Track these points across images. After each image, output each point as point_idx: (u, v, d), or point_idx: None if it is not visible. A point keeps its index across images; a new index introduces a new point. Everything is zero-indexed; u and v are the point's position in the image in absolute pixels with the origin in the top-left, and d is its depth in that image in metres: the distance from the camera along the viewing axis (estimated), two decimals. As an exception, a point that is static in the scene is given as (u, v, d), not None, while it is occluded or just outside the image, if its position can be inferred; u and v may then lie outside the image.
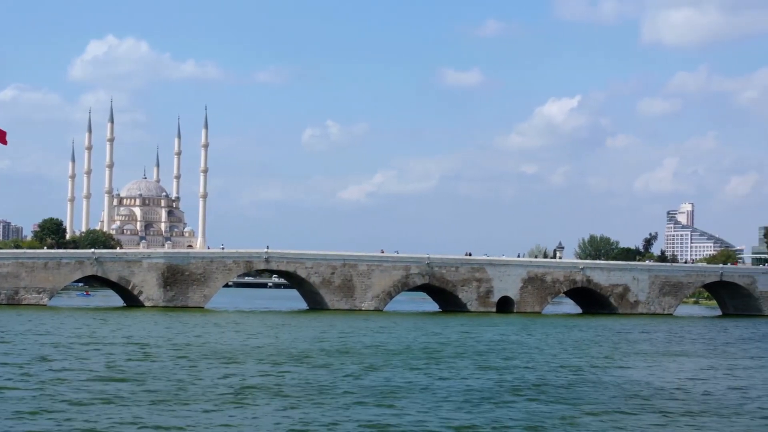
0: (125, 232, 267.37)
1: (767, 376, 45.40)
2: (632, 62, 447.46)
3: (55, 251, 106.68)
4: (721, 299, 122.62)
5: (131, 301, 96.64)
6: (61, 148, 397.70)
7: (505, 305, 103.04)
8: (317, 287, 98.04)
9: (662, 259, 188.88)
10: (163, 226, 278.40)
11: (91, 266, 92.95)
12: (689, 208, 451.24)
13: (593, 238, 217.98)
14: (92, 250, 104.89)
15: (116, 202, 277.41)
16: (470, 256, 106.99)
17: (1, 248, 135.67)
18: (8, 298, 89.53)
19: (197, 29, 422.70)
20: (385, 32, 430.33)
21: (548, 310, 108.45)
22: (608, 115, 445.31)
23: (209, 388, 35.24)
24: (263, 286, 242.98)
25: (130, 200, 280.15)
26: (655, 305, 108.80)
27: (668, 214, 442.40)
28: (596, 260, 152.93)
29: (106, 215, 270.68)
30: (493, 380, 39.83)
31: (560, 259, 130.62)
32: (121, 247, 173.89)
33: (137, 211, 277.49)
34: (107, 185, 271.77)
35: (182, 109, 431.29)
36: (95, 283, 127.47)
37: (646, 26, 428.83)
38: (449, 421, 29.71)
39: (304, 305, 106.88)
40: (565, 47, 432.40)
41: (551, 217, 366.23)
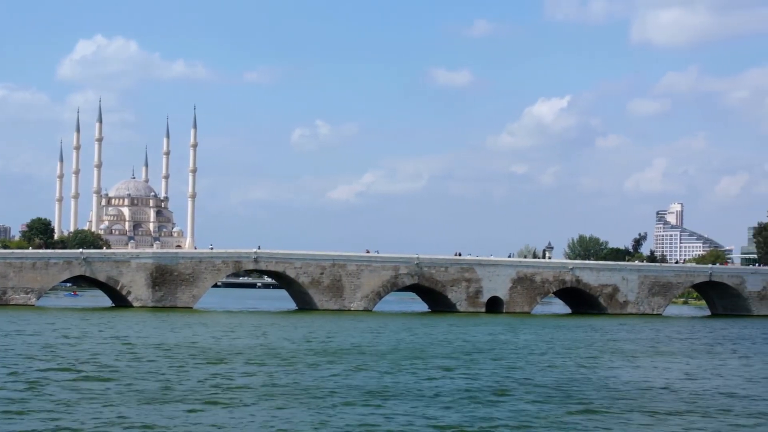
0: (114, 232, 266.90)
1: (754, 375, 45.50)
2: (622, 62, 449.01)
3: (43, 251, 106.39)
4: (710, 299, 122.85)
5: (119, 301, 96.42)
6: (49, 147, 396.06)
7: (494, 305, 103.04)
8: (306, 287, 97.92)
9: (651, 259, 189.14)
10: (151, 226, 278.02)
11: (79, 266, 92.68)
12: (678, 208, 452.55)
13: (583, 238, 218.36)
14: (80, 250, 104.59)
15: (105, 202, 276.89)
16: (460, 256, 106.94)
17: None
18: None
19: (187, 29, 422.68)
20: (375, 32, 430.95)
21: (537, 310, 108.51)
22: (598, 115, 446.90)
23: (197, 388, 35.17)
24: (252, 286, 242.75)
25: (118, 200, 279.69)
26: (644, 305, 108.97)
27: (657, 214, 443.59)
28: (586, 260, 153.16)
29: (94, 215, 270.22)
30: (481, 380, 39.82)
31: (550, 259, 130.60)
32: (109, 247, 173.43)
33: (126, 211, 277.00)
34: (96, 185, 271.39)
35: (171, 108, 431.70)
36: (83, 283, 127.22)
37: (635, 26, 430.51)
38: (437, 420, 29.69)
39: (293, 305, 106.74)
40: (555, 47, 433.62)
41: (541, 217, 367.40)
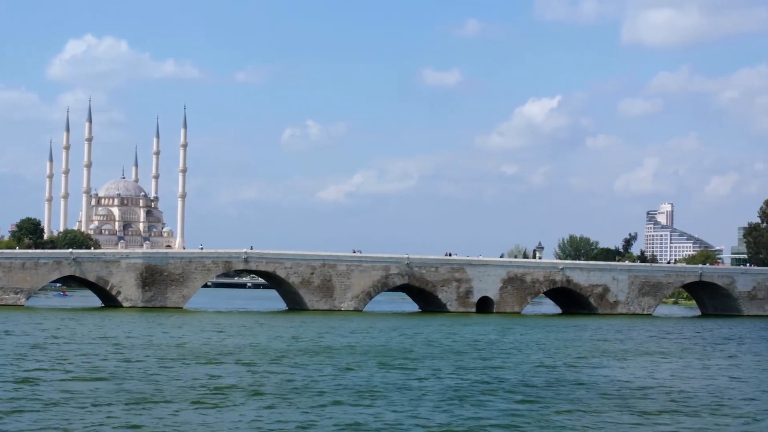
0: (103, 232, 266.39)
1: (743, 375, 45.56)
2: (613, 62, 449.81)
3: (32, 251, 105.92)
4: (700, 299, 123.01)
5: (109, 301, 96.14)
6: (38, 147, 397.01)
7: (484, 305, 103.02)
8: (296, 287, 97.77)
9: (642, 259, 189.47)
10: (141, 226, 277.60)
11: (69, 266, 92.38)
12: (669, 208, 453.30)
13: (573, 238, 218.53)
14: (70, 250, 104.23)
15: (94, 202, 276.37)
16: (450, 256, 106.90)
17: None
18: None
19: (177, 29, 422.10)
20: (365, 32, 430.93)
21: (528, 310, 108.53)
22: (589, 115, 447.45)
23: (186, 388, 35.08)
24: (242, 286, 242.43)
25: (108, 200, 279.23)
26: (634, 305, 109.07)
27: (648, 214, 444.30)
28: (576, 260, 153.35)
29: (84, 215, 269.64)
30: (470, 380, 39.80)
31: (540, 259, 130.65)
32: (99, 247, 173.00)
33: (115, 211, 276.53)
34: (85, 185, 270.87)
35: (161, 108, 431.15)
36: (73, 283, 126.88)
37: (626, 27, 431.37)
38: (427, 420, 29.66)
39: (283, 305, 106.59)
40: (545, 47, 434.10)
41: (531, 217, 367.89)
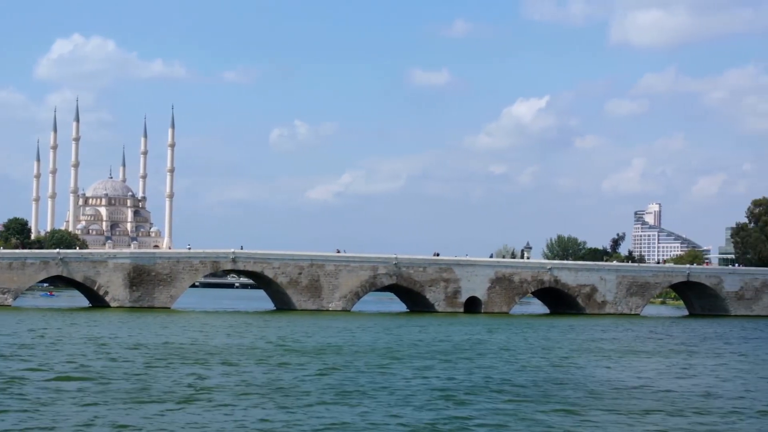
0: (91, 232, 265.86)
1: (729, 375, 45.71)
2: (600, 63, 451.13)
3: (19, 251, 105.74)
4: (688, 299, 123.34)
5: (97, 301, 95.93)
6: (26, 147, 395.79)
7: (472, 305, 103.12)
8: (284, 287, 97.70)
9: (630, 259, 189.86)
10: (129, 226, 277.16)
11: (56, 266, 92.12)
12: (656, 208, 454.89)
13: (561, 238, 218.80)
14: (57, 250, 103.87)
15: (82, 201, 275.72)
16: (438, 256, 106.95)
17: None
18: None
19: (165, 28, 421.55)
20: (353, 32, 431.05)
21: (516, 310, 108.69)
22: (576, 115, 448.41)
23: (173, 387, 35.03)
24: (230, 286, 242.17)
25: (95, 200, 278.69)
26: (622, 305, 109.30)
27: (636, 214, 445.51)
28: (564, 260, 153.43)
29: (71, 215, 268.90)
30: (458, 380, 39.82)
31: (528, 259, 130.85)
32: (86, 247, 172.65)
33: (103, 211, 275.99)
34: (72, 185, 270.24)
35: (149, 108, 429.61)
36: (60, 283, 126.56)
37: (614, 27, 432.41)
38: (413, 420, 29.66)
39: (271, 306, 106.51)
40: (533, 48, 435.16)
41: (519, 217, 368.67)
